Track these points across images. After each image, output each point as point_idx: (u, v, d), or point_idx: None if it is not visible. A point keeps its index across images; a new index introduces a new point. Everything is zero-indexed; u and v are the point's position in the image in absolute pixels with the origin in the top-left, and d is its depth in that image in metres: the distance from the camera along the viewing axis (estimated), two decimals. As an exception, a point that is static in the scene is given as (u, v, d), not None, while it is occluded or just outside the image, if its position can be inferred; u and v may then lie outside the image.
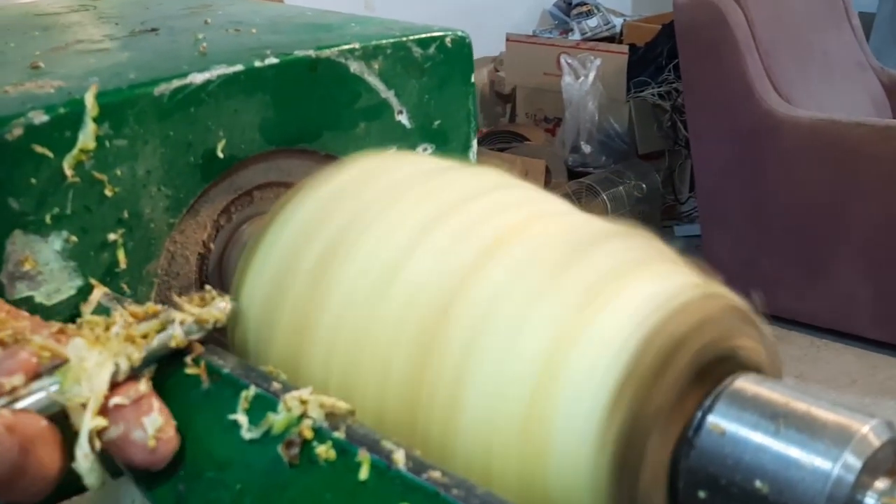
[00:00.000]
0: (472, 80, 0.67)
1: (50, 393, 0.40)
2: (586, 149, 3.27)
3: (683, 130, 3.12)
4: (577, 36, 3.77)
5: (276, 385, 0.42)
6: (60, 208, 0.51)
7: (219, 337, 0.51)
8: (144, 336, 0.44)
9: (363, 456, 0.38)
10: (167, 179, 0.55)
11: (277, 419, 0.40)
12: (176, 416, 0.43)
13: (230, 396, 0.43)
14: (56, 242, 0.51)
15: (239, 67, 0.57)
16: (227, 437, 0.42)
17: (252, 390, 0.42)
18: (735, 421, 0.40)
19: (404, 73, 0.64)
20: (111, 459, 0.42)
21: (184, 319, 0.45)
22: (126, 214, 0.54)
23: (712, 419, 0.40)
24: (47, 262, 0.51)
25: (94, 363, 0.41)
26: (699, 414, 0.40)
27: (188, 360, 0.44)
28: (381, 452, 0.38)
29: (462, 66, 0.67)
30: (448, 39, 0.66)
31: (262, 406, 0.41)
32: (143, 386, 0.42)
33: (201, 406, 0.43)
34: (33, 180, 0.49)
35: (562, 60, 3.27)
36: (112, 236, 0.53)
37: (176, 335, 0.44)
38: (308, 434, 0.40)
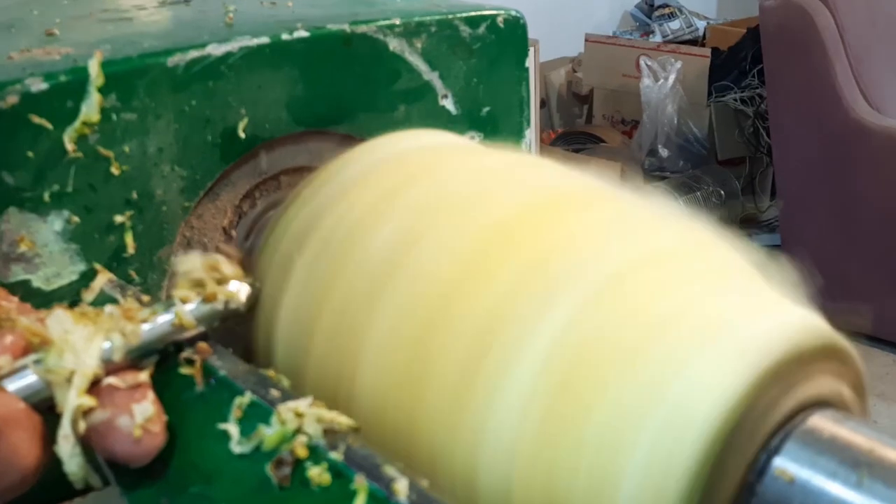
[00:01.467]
0: (527, 64, 0.62)
1: (32, 367, 0.37)
2: (664, 153, 3.21)
3: (766, 137, 3.02)
4: (658, 38, 3.69)
5: (274, 393, 0.38)
6: (61, 185, 0.47)
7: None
8: (145, 320, 0.40)
9: (360, 483, 0.33)
10: (182, 158, 0.50)
11: (269, 433, 0.36)
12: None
13: (224, 402, 0.38)
14: (56, 222, 0.47)
15: (264, 40, 0.52)
16: (217, 448, 0.38)
17: (247, 397, 0.38)
18: (808, 467, 0.33)
19: (450, 54, 0.59)
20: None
21: (186, 297, 0.41)
22: (135, 195, 0.49)
23: (779, 462, 0.33)
24: (46, 243, 0.47)
25: (81, 337, 0.38)
26: (763, 456, 0.34)
27: (181, 357, 0.40)
28: (380, 480, 0.33)
29: (515, 49, 0.61)
30: (500, 19, 0.60)
31: (257, 416, 0.37)
32: (144, 375, 0.39)
33: (193, 411, 0.39)
34: (30, 153, 0.45)
35: (641, 62, 3.21)
36: (119, 218, 0.49)
37: (182, 315, 0.40)
38: (301, 452, 0.35)
